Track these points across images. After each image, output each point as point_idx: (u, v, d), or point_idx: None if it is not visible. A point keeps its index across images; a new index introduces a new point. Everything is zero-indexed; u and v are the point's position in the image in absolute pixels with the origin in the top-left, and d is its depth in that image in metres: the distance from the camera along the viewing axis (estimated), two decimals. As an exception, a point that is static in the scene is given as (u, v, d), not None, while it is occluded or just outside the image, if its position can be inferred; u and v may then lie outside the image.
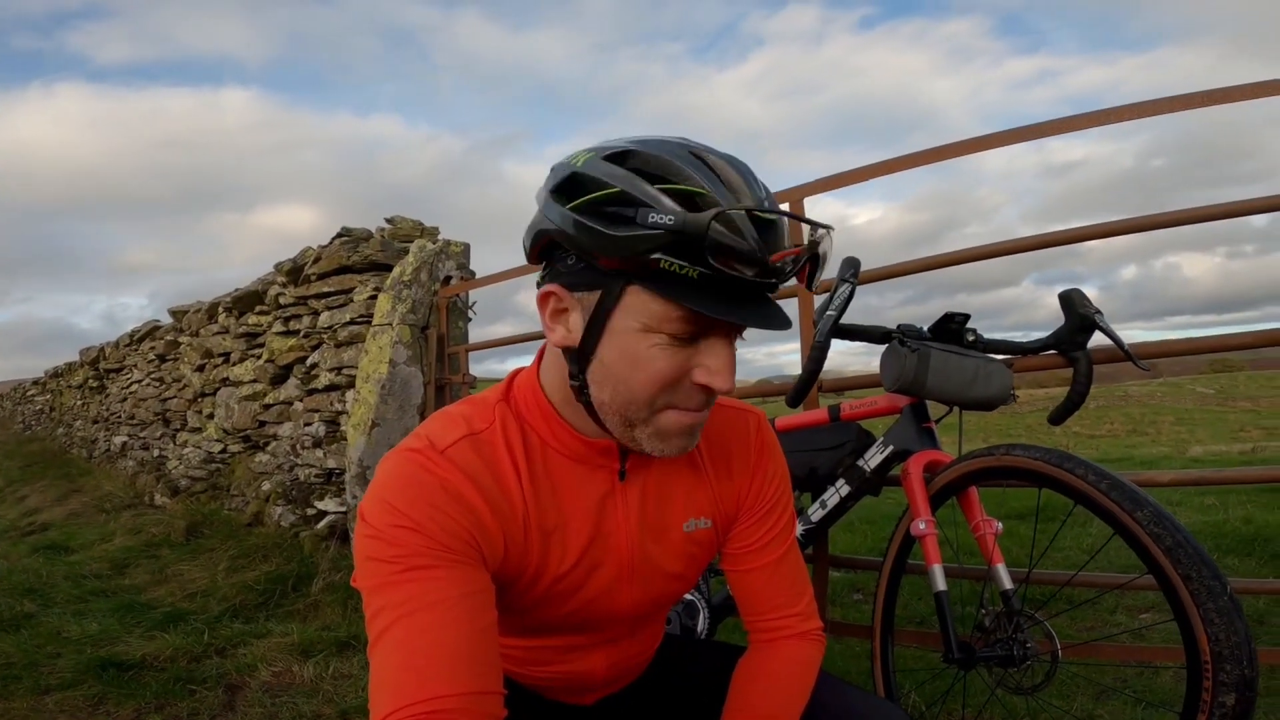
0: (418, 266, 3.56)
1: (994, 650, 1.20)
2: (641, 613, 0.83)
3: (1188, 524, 3.62)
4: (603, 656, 0.85)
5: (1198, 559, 0.97)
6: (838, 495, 1.55)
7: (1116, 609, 2.43)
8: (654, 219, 0.59)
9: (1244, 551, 2.82)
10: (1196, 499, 4.41)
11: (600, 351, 0.66)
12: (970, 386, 1.34)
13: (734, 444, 0.85)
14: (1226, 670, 0.91)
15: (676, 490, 0.81)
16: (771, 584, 0.86)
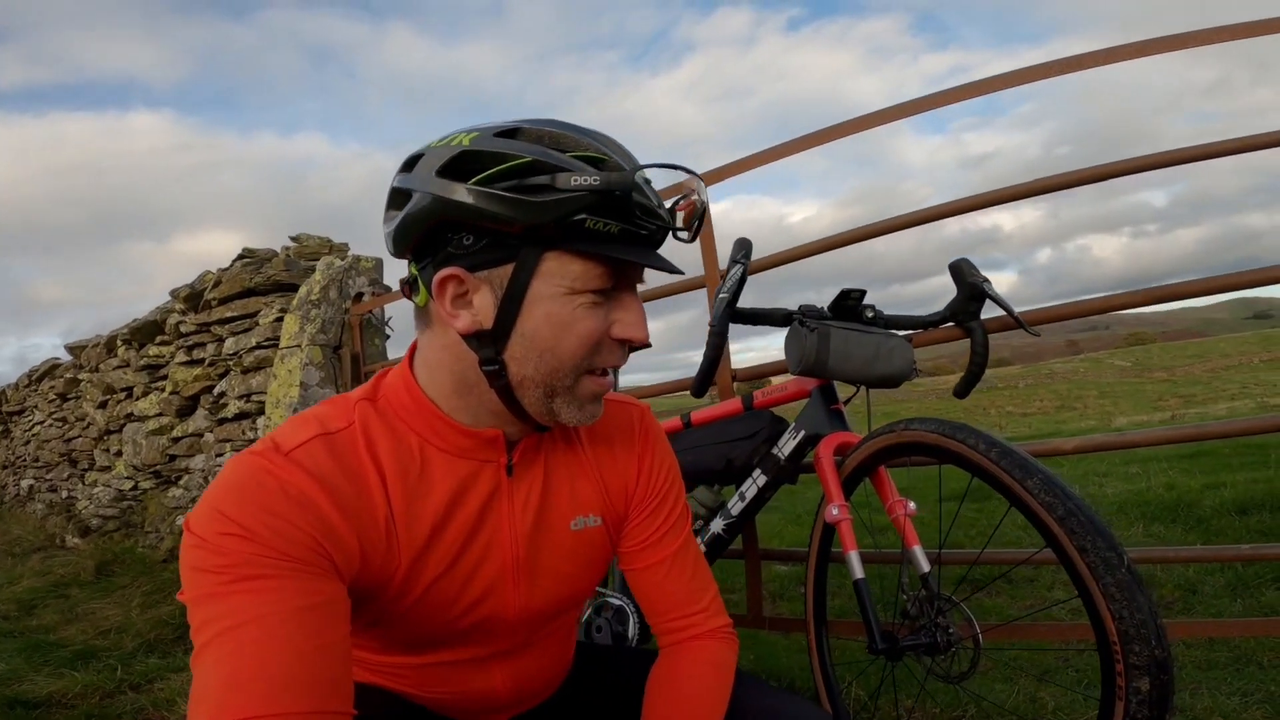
0: (325, 284, 3.39)
1: (918, 638, 1.14)
2: (534, 618, 0.78)
3: (1113, 493, 3.73)
4: (502, 672, 0.80)
5: (1091, 528, 0.89)
6: (755, 486, 1.49)
7: (1054, 584, 2.43)
8: (578, 181, 0.60)
9: (1168, 519, 2.87)
10: (1121, 469, 4.56)
11: (521, 325, 0.64)
12: (873, 364, 1.32)
13: (618, 437, 0.83)
14: (1135, 652, 0.84)
15: (563, 487, 0.78)
16: (670, 580, 0.83)
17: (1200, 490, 3.21)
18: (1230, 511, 2.75)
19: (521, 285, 0.63)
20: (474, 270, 0.64)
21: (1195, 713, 1.37)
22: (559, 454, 0.79)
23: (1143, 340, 45.21)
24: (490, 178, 0.60)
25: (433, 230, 0.64)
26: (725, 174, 1.91)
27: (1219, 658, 1.58)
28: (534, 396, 0.67)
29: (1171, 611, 1.99)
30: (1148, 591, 0.87)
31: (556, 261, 0.63)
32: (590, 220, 0.61)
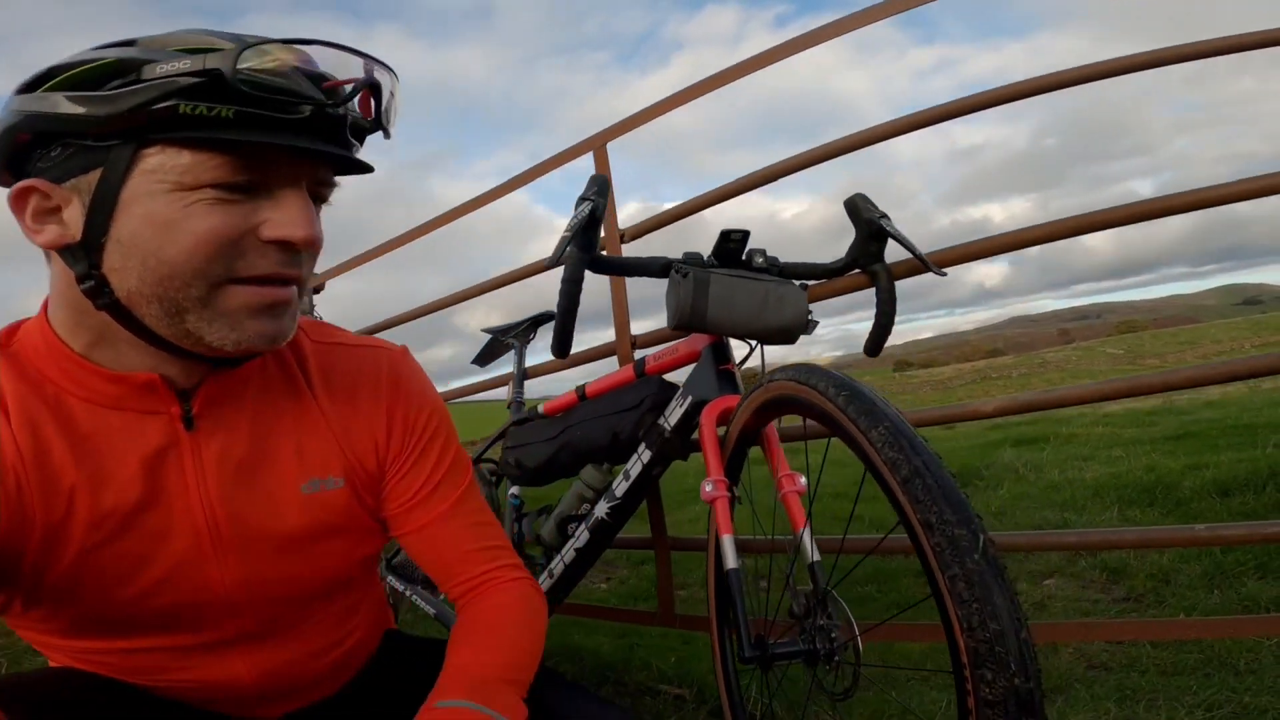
0: None
1: (793, 644, 0.93)
2: (266, 599, 0.69)
3: (1091, 477, 3.53)
4: (245, 661, 0.71)
5: (940, 496, 0.67)
6: (640, 463, 1.30)
7: (1019, 577, 2.22)
8: (164, 68, 0.53)
9: (1145, 502, 2.67)
10: (1104, 452, 4.36)
11: (115, 230, 0.56)
12: (760, 314, 1.14)
13: (362, 388, 0.74)
14: (988, 681, 0.61)
15: (284, 444, 0.69)
16: (451, 537, 0.76)
17: (1181, 471, 3.00)
18: (1211, 493, 2.54)
19: (112, 186, 0.56)
20: (60, 181, 0.57)
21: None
22: (276, 405, 0.70)
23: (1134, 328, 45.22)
24: (67, 81, 0.55)
25: (21, 149, 0.58)
26: (623, 129, 1.72)
27: (1188, 660, 1.36)
28: (154, 315, 0.58)
29: (1142, 605, 1.78)
30: (1009, 589, 0.63)
31: (160, 157, 0.55)
32: (185, 105, 0.53)
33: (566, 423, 1.50)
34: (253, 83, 0.54)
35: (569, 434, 1.47)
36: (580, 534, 1.37)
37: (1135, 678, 1.34)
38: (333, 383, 0.73)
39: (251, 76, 0.54)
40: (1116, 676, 1.36)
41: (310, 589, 0.72)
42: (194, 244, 0.56)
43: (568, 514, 1.44)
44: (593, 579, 2.93)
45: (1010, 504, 3.24)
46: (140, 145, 0.55)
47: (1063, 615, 1.79)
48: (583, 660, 1.77)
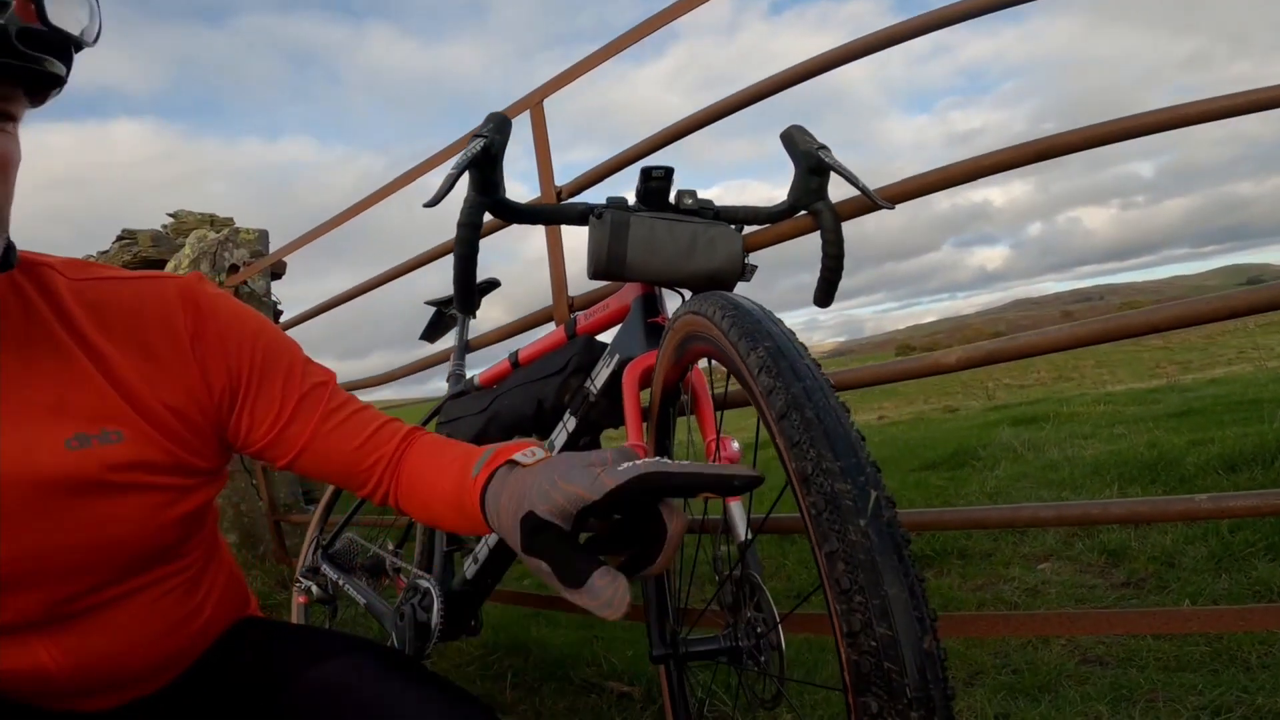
0: (195, 258, 3.09)
1: (713, 641, 0.78)
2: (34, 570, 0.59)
3: (1091, 455, 3.39)
4: (48, 649, 0.62)
5: (821, 435, 0.49)
6: (565, 431, 1.15)
7: (1012, 561, 2.06)
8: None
9: (1147, 479, 2.52)
10: (1105, 429, 4.22)
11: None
12: (688, 259, 1.00)
13: (151, 323, 0.66)
14: (871, 713, 0.42)
15: (39, 394, 0.61)
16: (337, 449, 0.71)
17: (1185, 448, 2.85)
18: (1217, 469, 2.38)
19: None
20: None
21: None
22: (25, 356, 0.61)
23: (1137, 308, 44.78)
24: None
25: None
26: (562, 82, 1.62)
27: (1193, 654, 1.20)
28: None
29: (1143, 591, 1.62)
30: (910, 572, 0.44)
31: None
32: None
33: (496, 393, 1.35)
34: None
35: (497, 404, 1.33)
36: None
37: (1133, 674, 1.18)
38: (108, 323, 0.65)
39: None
40: (1112, 673, 1.20)
41: (103, 560, 0.63)
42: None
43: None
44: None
45: (1007, 484, 3.09)
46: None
47: (1058, 603, 1.63)
48: (529, 654, 1.63)
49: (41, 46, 0.54)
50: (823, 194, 1.08)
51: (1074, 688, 1.17)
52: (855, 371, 1.22)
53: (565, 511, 0.49)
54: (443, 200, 0.95)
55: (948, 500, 3.00)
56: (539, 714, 1.32)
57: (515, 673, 1.53)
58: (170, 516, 0.66)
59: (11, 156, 0.55)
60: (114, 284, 0.67)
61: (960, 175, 1.12)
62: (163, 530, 0.66)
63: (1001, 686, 1.22)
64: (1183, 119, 0.98)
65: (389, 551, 1.55)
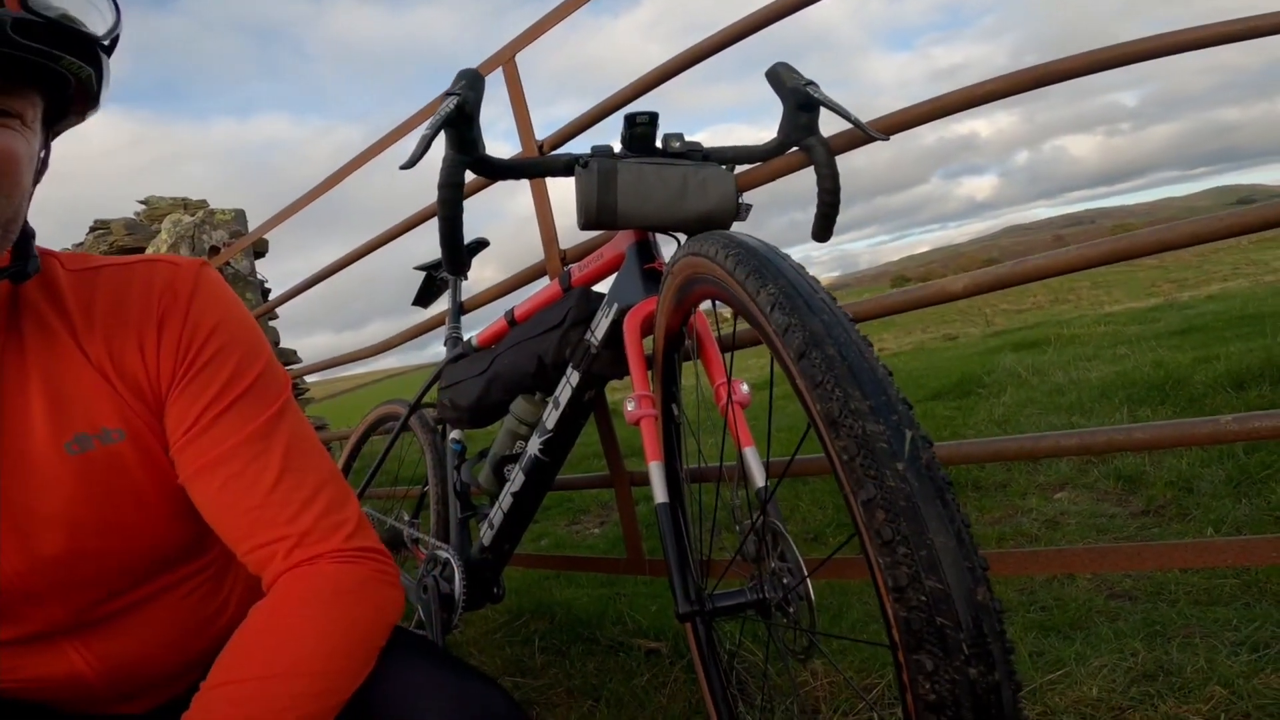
0: (174, 243, 3.03)
1: (740, 595, 0.76)
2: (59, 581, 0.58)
3: (1097, 377, 3.36)
4: (81, 654, 0.61)
5: (847, 374, 0.45)
6: (569, 387, 1.12)
7: (1028, 491, 2.06)
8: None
9: (1156, 400, 2.50)
10: (1108, 350, 4.21)
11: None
12: (680, 202, 0.97)
13: (132, 307, 0.61)
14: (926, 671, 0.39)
15: (33, 397, 0.57)
16: (242, 485, 0.58)
17: (1191, 365, 2.83)
18: (1225, 387, 2.37)
19: None
20: None
21: (1184, 677, 0.98)
22: (19, 355, 0.58)
23: (1129, 230, 44.56)
24: None
25: None
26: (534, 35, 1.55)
27: (1223, 587, 1.19)
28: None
29: (1164, 518, 1.61)
30: (958, 518, 0.41)
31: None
32: None
33: (494, 354, 1.31)
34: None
35: (497, 364, 1.29)
36: (515, 476, 1.19)
37: (1164, 609, 1.17)
38: (95, 311, 0.61)
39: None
40: (1143, 608, 1.20)
41: (136, 567, 0.62)
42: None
43: (502, 454, 1.27)
44: (586, 525, 2.79)
45: (1014, 411, 3.08)
46: None
47: (1078, 535, 1.63)
48: (554, 616, 1.62)
49: (44, 39, 0.51)
50: (814, 129, 1.06)
51: (1106, 624, 1.17)
52: (864, 303, 1.17)
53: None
54: (419, 161, 0.91)
55: (957, 430, 3.00)
56: (570, 676, 1.32)
57: (542, 636, 1.52)
58: (182, 509, 0.62)
59: (16, 153, 0.52)
60: (111, 270, 0.63)
61: (954, 104, 1.08)
62: (178, 524, 0.63)
63: (1032, 624, 1.22)
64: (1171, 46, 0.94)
65: (405, 522, 1.53)
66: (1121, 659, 1.05)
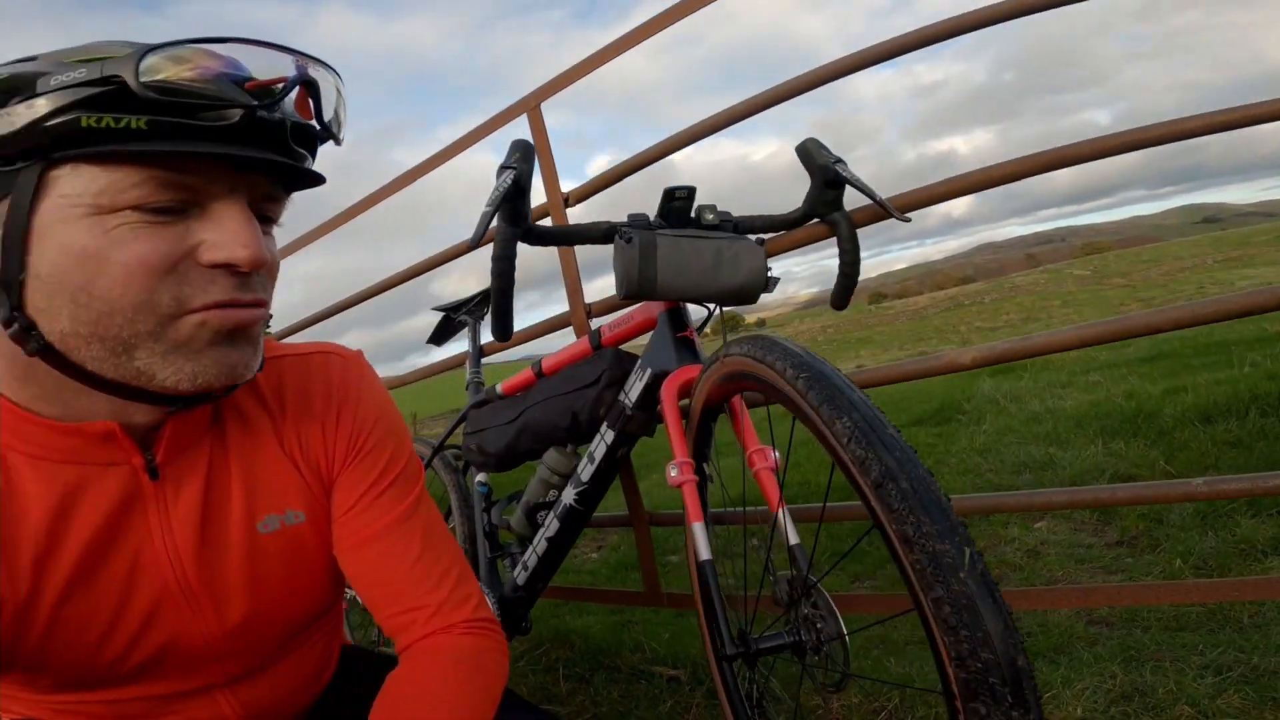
0: None
1: (779, 637, 0.86)
2: (249, 644, 0.65)
3: (1071, 406, 3.51)
4: (231, 701, 0.67)
5: (918, 503, 0.58)
6: (604, 444, 1.20)
7: (1010, 521, 2.18)
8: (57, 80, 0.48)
9: (1128, 432, 2.64)
10: (1081, 378, 4.37)
11: (33, 265, 0.50)
12: (714, 276, 1.06)
13: (315, 396, 0.69)
14: (981, 715, 0.54)
15: (234, 481, 0.63)
16: (391, 560, 0.67)
17: (1161, 397, 2.98)
18: (1194, 420, 2.51)
19: (22, 214, 0.50)
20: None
21: (1156, 698, 1.09)
22: (227, 440, 0.64)
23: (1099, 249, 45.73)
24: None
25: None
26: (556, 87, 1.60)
27: (1191, 614, 1.31)
28: (97, 356, 0.52)
29: (1136, 549, 1.74)
30: (1004, 610, 0.54)
31: (71, 179, 0.49)
32: (88, 118, 0.48)
33: (525, 403, 1.40)
34: (163, 88, 0.48)
35: (527, 415, 1.37)
36: (550, 523, 1.28)
37: (1138, 635, 1.29)
38: (286, 401, 0.67)
39: (161, 82, 0.49)
40: (1119, 634, 1.32)
41: (293, 626, 0.69)
42: (125, 275, 0.50)
43: (535, 501, 1.36)
44: (583, 550, 2.88)
45: (995, 440, 3.21)
46: (47, 166, 0.49)
47: (1058, 564, 1.75)
48: (573, 644, 1.70)
49: (308, 144, 0.56)
50: (838, 205, 1.13)
51: (1086, 649, 1.28)
52: (875, 371, 1.29)
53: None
54: (483, 239, 0.99)
55: (940, 458, 3.12)
56: (596, 703, 1.40)
57: (565, 664, 1.60)
58: (337, 573, 0.70)
59: (278, 259, 0.58)
60: (293, 360, 0.70)
61: (970, 186, 1.18)
62: (333, 587, 0.71)
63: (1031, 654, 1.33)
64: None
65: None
66: (1101, 681, 1.16)
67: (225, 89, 0.51)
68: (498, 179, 0.97)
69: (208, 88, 0.50)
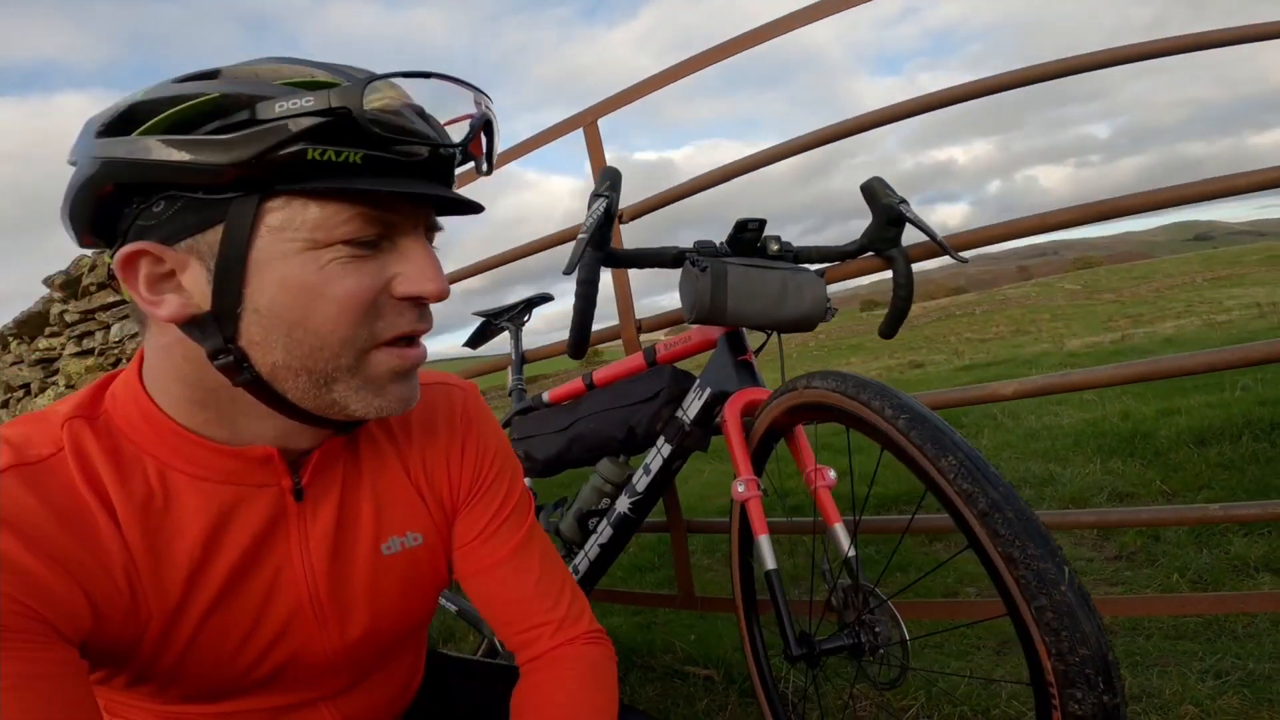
0: None
1: (840, 639, 0.95)
2: (358, 658, 0.67)
3: (1069, 424, 3.63)
4: (332, 712, 0.69)
5: (1023, 530, 0.69)
6: (660, 457, 1.28)
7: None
8: (284, 106, 0.49)
9: (1125, 451, 2.75)
10: (1075, 396, 4.48)
11: (251, 298, 0.52)
12: (780, 305, 1.13)
13: (441, 428, 0.72)
14: (1077, 699, 0.65)
15: (364, 504, 0.66)
16: (515, 581, 0.72)
17: (1155, 418, 3.10)
18: (1188, 442, 2.63)
19: (239, 247, 0.51)
20: (173, 242, 0.51)
21: (1163, 699, 1.20)
22: (359, 464, 0.66)
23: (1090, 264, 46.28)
24: (166, 123, 0.49)
25: (106, 203, 0.52)
26: (618, 103, 1.67)
27: (1189, 624, 1.42)
28: (301, 387, 0.55)
29: (1135, 564, 1.85)
30: (1096, 615, 0.66)
31: (285, 211, 0.51)
32: (314, 150, 0.49)
33: (576, 414, 1.48)
34: (381, 123, 0.50)
35: (580, 426, 1.45)
36: (603, 530, 1.37)
37: (1141, 642, 1.40)
38: (412, 430, 0.70)
39: (379, 116, 0.50)
40: (1123, 640, 1.42)
41: (398, 640, 0.72)
42: (339, 311, 0.52)
43: (587, 509, 1.44)
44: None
45: (993, 455, 3.31)
46: (264, 197, 0.50)
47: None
48: (606, 644, 1.79)
49: None
50: (898, 242, 1.21)
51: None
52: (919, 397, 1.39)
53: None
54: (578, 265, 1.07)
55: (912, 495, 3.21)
56: (634, 701, 1.48)
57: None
58: (439, 594, 0.74)
59: None
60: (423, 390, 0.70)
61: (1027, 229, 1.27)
62: (433, 605, 0.74)
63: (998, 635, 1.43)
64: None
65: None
66: (1111, 688, 1.27)
67: (419, 125, 0.53)
68: (590, 206, 1.06)
69: (410, 124, 0.53)
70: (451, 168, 0.57)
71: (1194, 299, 22.74)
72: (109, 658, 0.55)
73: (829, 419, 0.95)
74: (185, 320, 0.53)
